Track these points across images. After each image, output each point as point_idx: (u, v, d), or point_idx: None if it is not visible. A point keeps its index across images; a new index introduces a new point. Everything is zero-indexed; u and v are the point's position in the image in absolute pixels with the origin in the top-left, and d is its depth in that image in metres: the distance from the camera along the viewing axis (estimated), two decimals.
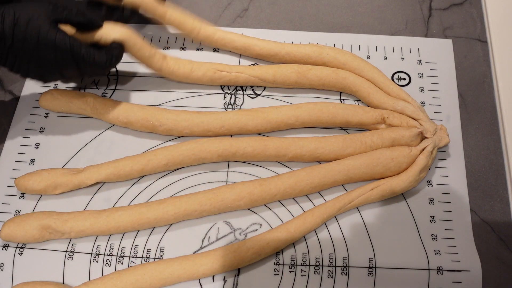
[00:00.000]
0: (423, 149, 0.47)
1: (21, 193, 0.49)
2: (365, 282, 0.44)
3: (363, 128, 0.51)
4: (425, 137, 0.48)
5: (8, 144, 0.51)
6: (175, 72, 0.52)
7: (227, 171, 0.49)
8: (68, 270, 0.45)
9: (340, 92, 0.53)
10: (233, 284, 0.44)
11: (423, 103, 0.52)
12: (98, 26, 0.47)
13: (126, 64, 0.56)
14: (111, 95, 0.54)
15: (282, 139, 0.49)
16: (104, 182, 0.49)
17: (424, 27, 0.58)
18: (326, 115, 0.50)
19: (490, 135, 0.51)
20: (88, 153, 0.50)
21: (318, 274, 0.44)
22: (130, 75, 0.55)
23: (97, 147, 0.51)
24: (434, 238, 0.45)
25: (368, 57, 0.55)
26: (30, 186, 0.47)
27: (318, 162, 0.49)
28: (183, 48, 0.57)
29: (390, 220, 0.47)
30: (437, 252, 0.45)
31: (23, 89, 0.55)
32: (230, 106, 0.53)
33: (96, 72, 0.47)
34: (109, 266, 0.45)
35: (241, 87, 0.54)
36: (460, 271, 0.44)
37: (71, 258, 0.45)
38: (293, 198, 0.48)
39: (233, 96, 0.54)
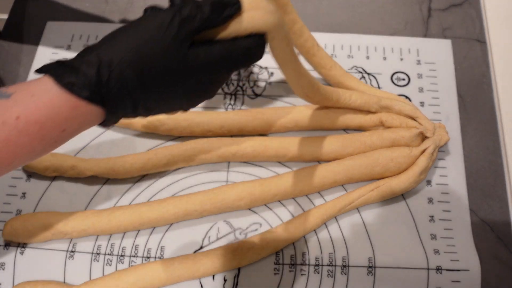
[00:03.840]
0: (423, 150, 0.47)
1: (22, 193, 0.49)
2: (364, 281, 0.44)
3: (362, 129, 0.51)
4: (426, 137, 0.48)
5: None
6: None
7: (227, 171, 0.50)
8: (69, 270, 0.45)
9: None
10: (233, 284, 0.44)
11: (422, 104, 0.53)
12: (235, 11, 0.32)
13: None
14: None
15: (282, 139, 0.49)
16: (104, 182, 0.49)
17: (423, 27, 0.58)
18: (326, 120, 0.50)
19: (489, 135, 0.51)
20: (89, 153, 0.51)
21: (318, 273, 0.44)
22: None
23: (98, 148, 0.51)
24: (434, 238, 0.46)
25: (368, 57, 0.56)
26: (32, 164, 0.48)
27: (318, 162, 0.49)
28: None
29: (389, 219, 0.47)
30: (436, 252, 0.45)
31: None
32: (230, 106, 0.53)
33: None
34: (110, 265, 0.45)
35: (241, 87, 0.54)
36: (459, 270, 0.44)
37: (72, 258, 0.46)
38: (293, 198, 0.48)
39: (233, 97, 0.54)
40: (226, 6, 0.31)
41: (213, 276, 0.44)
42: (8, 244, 0.46)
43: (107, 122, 0.33)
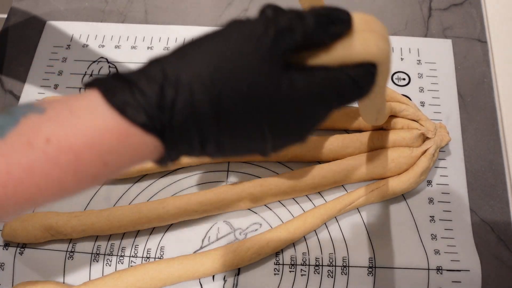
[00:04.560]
0: (424, 151, 0.47)
1: None
2: (364, 281, 0.44)
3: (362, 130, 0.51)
4: (427, 138, 0.48)
5: None
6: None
7: (227, 171, 0.50)
8: (69, 270, 0.45)
9: None
10: (233, 284, 0.44)
11: (422, 103, 0.53)
12: (344, 29, 0.26)
13: (126, 64, 0.56)
14: None
15: None
16: (104, 182, 0.49)
17: (423, 27, 0.58)
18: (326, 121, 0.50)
19: (489, 135, 0.51)
20: None
21: (318, 274, 0.44)
22: None
23: None
24: (434, 238, 0.46)
25: None
26: None
27: (318, 162, 0.49)
28: None
29: (389, 220, 0.47)
30: (436, 252, 0.45)
31: (23, 90, 0.55)
32: None
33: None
34: (110, 266, 0.45)
35: None
36: (459, 270, 0.44)
37: (71, 258, 0.45)
38: (293, 198, 0.48)
39: None
40: (334, 21, 0.25)
41: (213, 276, 0.44)
42: (7, 245, 0.46)
43: (164, 160, 0.25)
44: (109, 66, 0.56)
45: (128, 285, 0.42)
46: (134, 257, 0.46)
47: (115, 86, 0.23)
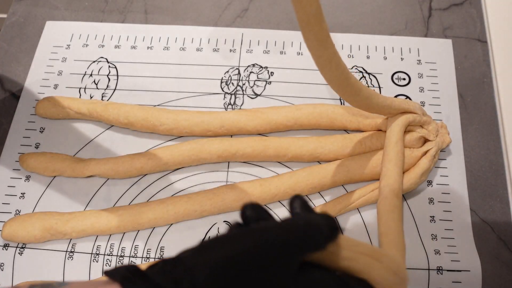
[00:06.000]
0: (425, 152, 0.47)
1: (21, 193, 0.49)
2: None
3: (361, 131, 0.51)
4: (427, 139, 0.47)
5: (8, 144, 0.51)
6: None
7: (227, 171, 0.49)
8: (68, 270, 0.45)
9: None
10: None
11: (422, 103, 0.52)
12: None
13: (126, 64, 0.56)
14: (111, 96, 0.54)
15: (281, 139, 0.49)
16: (104, 182, 0.49)
17: (424, 27, 0.58)
18: (325, 119, 0.49)
19: (490, 135, 0.51)
20: (89, 153, 0.51)
21: None
22: (130, 76, 0.55)
23: (98, 147, 0.51)
24: (434, 238, 0.46)
25: (368, 57, 0.56)
26: (32, 164, 0.48)
27: (318, 162, 0.49)
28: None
29: None
30: (437, 252, 0.45)
31: (23, 89, 0.55)
32: (230, 106, 0.53)
33: None
34: (109, 266, 0.45)
35: (241, 87, 0.54)
36: (460, 271, 0.44)
37: (71, 258, 0.45)
38: None
39: (233, 96, 0.54)
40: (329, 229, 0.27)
41: None
42: (7, 245, 0.46)
43: None
44: (109, 66, 0.56)
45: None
46: (134, 257, 0.45)
47: None
